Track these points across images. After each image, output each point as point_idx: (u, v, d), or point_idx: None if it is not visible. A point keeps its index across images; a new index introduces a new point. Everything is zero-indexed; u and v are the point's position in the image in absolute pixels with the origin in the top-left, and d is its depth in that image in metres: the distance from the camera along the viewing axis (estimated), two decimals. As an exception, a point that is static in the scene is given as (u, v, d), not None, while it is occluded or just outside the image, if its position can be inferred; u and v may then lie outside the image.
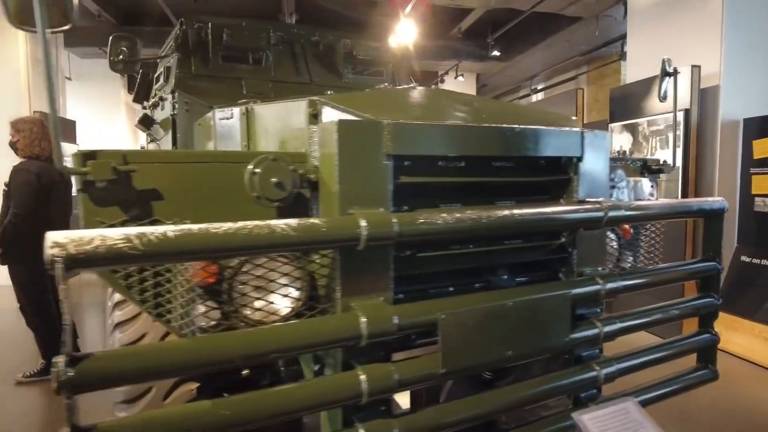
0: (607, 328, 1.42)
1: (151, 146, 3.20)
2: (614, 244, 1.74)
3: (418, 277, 1.30)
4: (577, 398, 1.48)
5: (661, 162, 1.90)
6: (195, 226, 0.90)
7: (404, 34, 6.68)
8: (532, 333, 1.26)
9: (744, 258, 3.85)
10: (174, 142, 2.43)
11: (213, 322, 1.12)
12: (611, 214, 1.37)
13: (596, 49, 7.99)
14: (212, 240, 0.90)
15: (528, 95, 11.67)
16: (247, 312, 1.13)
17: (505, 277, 1.42)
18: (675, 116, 1.91)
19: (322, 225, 0.99)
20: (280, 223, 0.95)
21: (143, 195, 1.08)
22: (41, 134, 2.93)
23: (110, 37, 2.45)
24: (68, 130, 6.92)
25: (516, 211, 1.23)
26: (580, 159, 1.42)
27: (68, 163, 1.04)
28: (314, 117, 1.26)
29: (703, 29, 3.97)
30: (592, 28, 7.18)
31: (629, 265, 1.81)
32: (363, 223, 1.02)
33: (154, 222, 1.08)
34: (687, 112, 3.85)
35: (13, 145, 2.96)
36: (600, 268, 1.49)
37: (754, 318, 3.65)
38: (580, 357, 1.47)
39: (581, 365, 1.43)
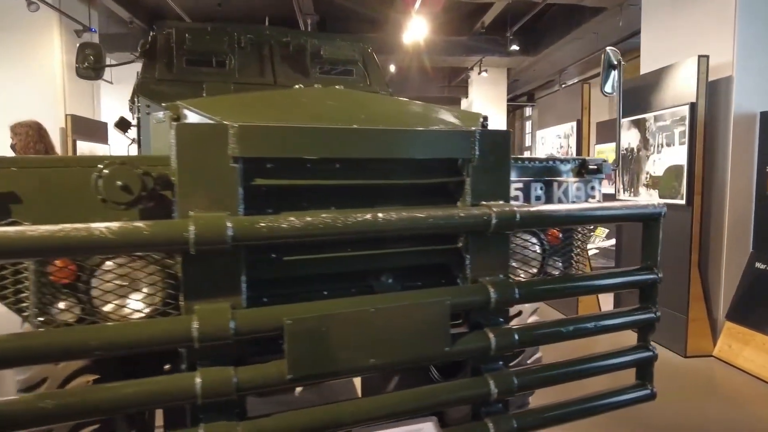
0: (500, 340, 1.34)
1: (132, 147, 3.35)
2: (537, 249, 1.64)
3: (288, 280, 1.29)
4: (476, 412, 1.41)
5: (602, 161, 1.76)
6: (12, 229, 0.94)
7: (415, 30, 6.61)
8: (401, 341, 1.22)
9: (759, 265, 3.52)
10: (139, 144, 2.54)
11: (71, 320, 1.16)
12: (500, 218, 1.29)
13: (623, 41, 7.55)
14: (29, 241, 0.93)
15: (557, 90, 11.22)
16: (105, 311, 1.16)
17: (390, 281, 1.38)
18: (620, 111, 1.77)
19: (144, 229, 1.00)
20: (100, 227, 0.97)
21: (1, 198, 1.13)
22: (36, 137, 3.14)
23: (77, 46, 2.60)
24: (100, 131, 7.37)
25: (380, 216, 1.19)
26: (471, 160, 1.35)
27: None
28: (176, 120, 1.27)
29: (716, 17, 3.65)
30: (617, 19, 6.80)
31: (558, 272, 1.70)
32: (191, 227, 1.02)
33: (13, 223, 1.13)
34: (693, 105, 3.55)
35: (13, 147, 3.20)
36: (501, 276, 1.41)
37: (767, 332, 3.33)
38: (478, 368, 1.40)
39: (472, 378, 1.37)
